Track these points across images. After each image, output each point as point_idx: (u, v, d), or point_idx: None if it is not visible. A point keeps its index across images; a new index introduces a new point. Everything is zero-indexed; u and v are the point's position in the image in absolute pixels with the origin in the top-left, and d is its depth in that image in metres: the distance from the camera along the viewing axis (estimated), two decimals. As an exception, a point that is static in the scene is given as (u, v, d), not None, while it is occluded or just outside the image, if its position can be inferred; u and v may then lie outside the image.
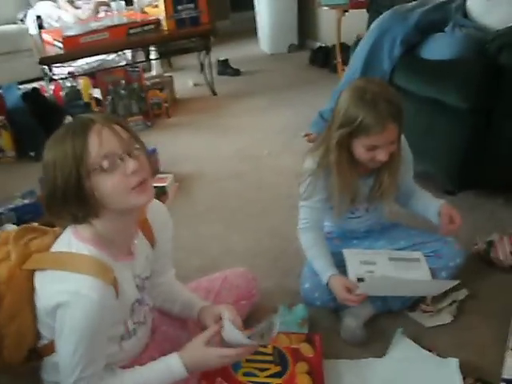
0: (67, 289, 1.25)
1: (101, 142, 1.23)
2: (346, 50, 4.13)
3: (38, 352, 1.43)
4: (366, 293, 1.77)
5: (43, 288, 1.33)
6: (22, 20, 5.48)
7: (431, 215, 1.93)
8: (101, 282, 1.26)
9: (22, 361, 1.43)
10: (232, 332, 1.43)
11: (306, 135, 3.33)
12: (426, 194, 2.02)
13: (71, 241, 1.34)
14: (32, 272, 1.36)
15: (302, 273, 1.96)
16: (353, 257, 1.90)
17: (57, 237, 1.41)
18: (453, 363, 1.65)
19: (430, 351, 1.72)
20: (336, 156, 1.78)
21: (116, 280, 1.31)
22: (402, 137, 1.91)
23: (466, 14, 2.64)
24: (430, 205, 1.95)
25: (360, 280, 1.81)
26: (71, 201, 1.24)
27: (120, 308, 1.37)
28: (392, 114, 1.68)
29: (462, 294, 1.94)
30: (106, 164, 1.23)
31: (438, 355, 1.70)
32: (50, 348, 1.39)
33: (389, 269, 1.85)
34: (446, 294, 1.90)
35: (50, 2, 5.38)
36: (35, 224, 1.54)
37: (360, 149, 1.75)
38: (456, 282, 1.84)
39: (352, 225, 2.03)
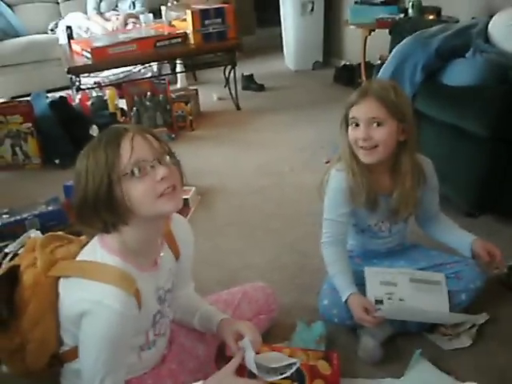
0: (90, 297, 1.27)
1: (133, 149, 1.26)
2: (371, 68, 4.14)
3: (59, 358, 1.45)
4: (384, 316, 1.77)
5: (67, 295, 1.35)
6: (52, 30, 5.60)
7: (463, 250, 1.95)
8: (123, 293, 1.28)
9: (44, 366, 1.45)
10: (251, 365, 1.47)
11: (327, 162, 3.33)
12: (454, 226, 2.03)
13: (97, 250, 1.36)
14: (57, 279, 1.38)
15: (322, 289, 1.96)
16: (374, 276, 1.89)
17: (82, 246, 1.43)
18: (471, 387, 1.64)
19: (448, 374, 1.71)
20: (341, 141, 1.86)
21: (138, 291, 1.33)
22: (430, 163, 1.94)
23: (487, 40, 2.63)
24: (462, 239, 1.96)
25: (378, 302, 1.81)
26: (102, 207, 1.27)
27: (142, 318, 1.38)
28: (378, 93, 1.76)
29: (482, 317, 1.92)
30: (136, 169, 1.26)
31: (456, 379, 1.69)
32: (72, 354, 1.40)
33: (408, 292, 1.85)
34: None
35: (80, 13, 5.48)
36: (61, 232, 1.57)
37: (350, 130, 1.82)
38: (482, 318, 1.88)
39: (374, 245, 2.03)
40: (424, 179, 1.89)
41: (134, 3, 5.52)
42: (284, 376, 1.50)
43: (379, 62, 3.38)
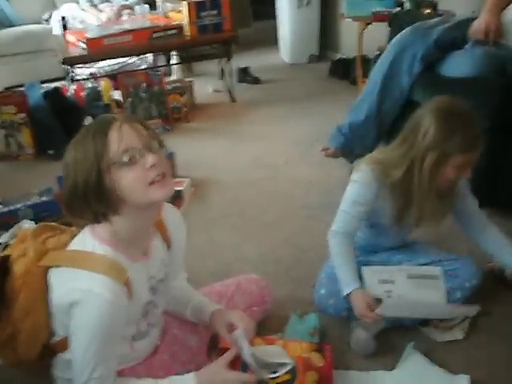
0: (80, 287, 1.27)
1: (121, 137, 1.25)
2: (367, 62, 4.13)
3: (51, 348, 1.44)
4: (384, 314, 1.76)
5: (57, 285, 1.34)
6: (46, 20, 5.55)
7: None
8: (113, 282, 1.27)
9: (35, 357, 1.45)
10: (247, 358, 1.48)
11: (323, 149, 3.33)
12: (506, 242, 1.97)
13: (88, 240, 1.36)
14: (47, 269, 1.37)
15: (319, 278, 1.96)
16: (371, 275, 1.88)
17: (74, 236, 1.42)
18: (463, 380, 1.65)
19: (440, 367, 1.71)
20: (421, 177, 1.74)
21: (129, 280, 1.32)
22: None
23: None
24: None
25: (377, 301, 1.80)
26: (92, 198, 1.26)
27: (133, 308, 1.38)
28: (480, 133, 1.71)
29: (475, 309, 1.91)
30: (125, 158, 1.25)
31: (449, 371, 1.69)
32: (63, 345, 1.40)
33: (407, 288, 1.84)
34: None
35: (74, 4, 5.45)
36: (53, 223, 1.56)
37: (450, 169, 1.72)
38: (474, 310, 1.85)
39: (378, 240, 2.03)
40: None
41: (127, -6, 5.50)
42: (276, 375, 1.51)
43: (378, 52, 3.37)
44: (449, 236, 2.34)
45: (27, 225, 2.39)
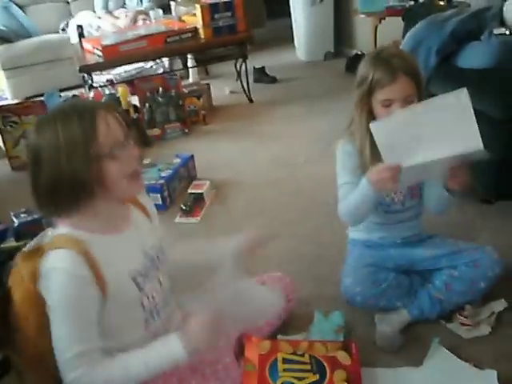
0: (47, 269, 1.29)
1: (108, 129, 1.29)
2: (383, 57, 4.12)
3: None
4: (393, 160, 1.60)
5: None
6: (63, 29, 5.63)
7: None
8: (70, 252, 1.28)
9: None
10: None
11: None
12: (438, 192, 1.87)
13: (49, 232, 1.39)
14: None
15: (344, 269, 1.96)
16: (380, 130, 1.63)
17: None
18: (491, 375, 1.64)
19: (466, 362, 1.70)
20: (358, 116, 1.85)
21: (88, 252, 1.31)
22: None
23: (502, 22, 2.61)
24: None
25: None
26: (75, 184, 1.28)
27: (114, 280, 1.35)
28: (404, 68, 1.71)
29: (501, 305, 1.91)
30: (113, 151, 1.29)
31: (476, 366, 1.68)
32: None
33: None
34: (484, 305, 1.89)
35: (90, 11, 5.51)
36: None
37: (378, 107, 1.77)
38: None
39: (389, 227, 1.99)
40: None
41: (141, 0, 5.54)
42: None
43: (392, 46, 3.35)
44: (469, 228, 2.34)
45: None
